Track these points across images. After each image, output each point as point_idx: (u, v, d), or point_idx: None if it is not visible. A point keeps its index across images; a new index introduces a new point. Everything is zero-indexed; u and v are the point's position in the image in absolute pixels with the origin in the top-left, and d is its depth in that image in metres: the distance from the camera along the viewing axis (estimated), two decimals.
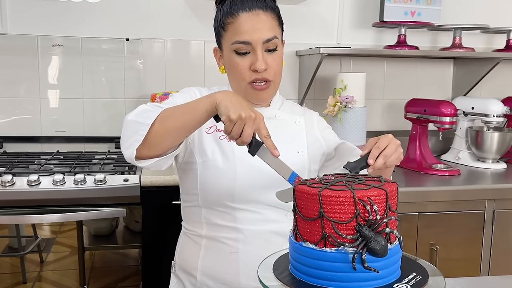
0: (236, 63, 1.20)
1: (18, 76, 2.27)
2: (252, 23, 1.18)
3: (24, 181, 1.72)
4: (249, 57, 1.19)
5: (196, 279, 1.25)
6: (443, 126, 2.25)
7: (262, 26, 1.18)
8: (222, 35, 1.22)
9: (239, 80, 1.22)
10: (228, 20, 1.19)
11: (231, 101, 0.99)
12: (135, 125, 1.05)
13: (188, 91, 1.28)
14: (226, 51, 1.22)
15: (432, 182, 2.11)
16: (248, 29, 1.17)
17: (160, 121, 1.04)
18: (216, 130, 1.23)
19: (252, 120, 0.98)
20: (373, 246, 0.77)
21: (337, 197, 0.79)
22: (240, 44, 1.18)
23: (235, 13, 1.19)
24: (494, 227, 2.05)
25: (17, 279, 1.87)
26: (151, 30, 2.36)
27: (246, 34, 1.17)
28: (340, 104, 2.25)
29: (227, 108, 0.98)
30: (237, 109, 0.97)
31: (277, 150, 1.00)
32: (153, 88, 2.35)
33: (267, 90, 1.23)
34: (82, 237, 1.87)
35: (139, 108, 1.11)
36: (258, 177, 1.19)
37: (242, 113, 0.97)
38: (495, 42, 2.74)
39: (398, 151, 1.06)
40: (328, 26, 2.55)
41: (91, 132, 2.34)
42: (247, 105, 1.00)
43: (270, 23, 1.20)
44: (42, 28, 2.25)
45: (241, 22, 1.18)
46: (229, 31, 1.20)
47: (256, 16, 1.19)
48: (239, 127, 0.98)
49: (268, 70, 1.20)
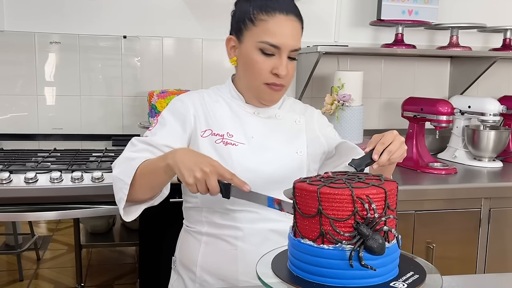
0: (258, 61, 1.19)
1: (15, 73, 2.27)
2: (286, 28, 1.18)
3: (21, 179, 1.72)
4: (273, 60, 1.18)
5: (196, 275, 1.25)
6: (439, 124, 2.26)
7: (293, 34, 1.19)
8: (249, 28, 1.19)
9: (256, 78, 1.21)
10: (262, 17, 1.17)
11: (183, 163, 1.01)
12: (119, 182, 1.14)
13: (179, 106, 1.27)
14: (249, 46, 1.20)
15: (428, 180, 2.12)
16: (281, 33, 1.17)
17: (138, 178, 1.12)
18: (211, 134, 1.23)
19: (209, 175, 0.99)
20: (371, 244, 0.77)
21: (336, 195, 0.79)
22: (269, 46, 1.17)
23: (271, 11, 1.17)
24: (490, 225, 2.06)
25: (13, 277, 1.86)
26: (148, 27, 2.35)
27: (278, 37, 1.17)
28: (338, 102, 2.26)
29: (181, 173, 1.01)
30: (191, 172, 0.99)
31: (246, 185, 1.02)
32: (150, 85, 2.35)
33: (281, 93, 1.25)
34: (79, 234, 1.87)
35: (124, 154, 1.19)
36: (256, 179, 1.18)
37: (196, 174, 0.99)
38: (492, 41, 2.74)
39: (402, 148, 1.07)
40: (326, 25, 2.55)
41: (88, 129, 2.33)
42: (198, 161, 1.01)
43: (299, 32, 1.22)
44: (39, 25, 2.25)
45: (276, 24, 1.17)
46: (260, 27, 1.18)
47: (290, 22, 1.19)
48: (201, 186, 1.00)
49: (286, 76, 1.20)
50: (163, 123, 1.25)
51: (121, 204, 1.14)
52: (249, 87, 1.25)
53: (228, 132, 1.23)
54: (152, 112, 2.16)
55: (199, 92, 1.31)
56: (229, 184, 1.02)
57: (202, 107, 1.27)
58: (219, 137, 1.22)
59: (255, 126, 1.26)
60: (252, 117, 1.27)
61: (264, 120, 1.28)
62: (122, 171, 1.14)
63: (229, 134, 1.23)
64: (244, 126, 1.25)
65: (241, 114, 1.27)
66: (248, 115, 1.27)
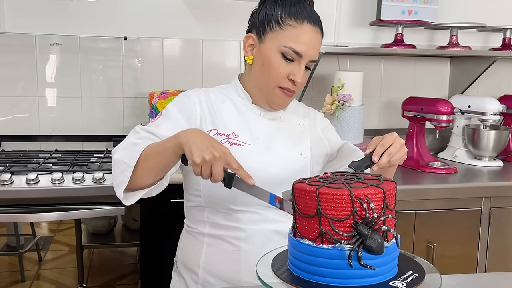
0: (278, 64, 1.20)
1: (16, 75, 2.27)
2: (312, 39, 1.20)
3: (22, 180, 1.72)
4: (291, 66, 1.19)
5: (198, 276, 1.25)
6: (440, 124, 2.26)
7: (316, 45, 1.21)
8: (275, 30, 1.20)
9: (271, 81, 1.21)
10: (291, 22, 1.19)
11: (195, 143, 1.00)
12: (121, 165, 1.11)
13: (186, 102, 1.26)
14: (270, 47, 1.20)
15: (429, 180, 2.12)
16: (307, 42, 1.19)
17: (142, 161, 1.09)
18: (217, 133, 1.23)
19: (217, 160, 0.99)
20: (369, 243, 0.78)
21: (334, 195, 0.79)
22: (293, 52, 1.18)
23: (300, 19, 1.19)
24: (490, 224, 2.06)
25: (15, 278, 1.87)
26: (149, 28, 2.36)
27: (304, 46, 1.18)
28: (338, 102, 2.26)
29: (190, 152, 1.00)
30: (201, 152, 0.98)
31: (251, 179, 1.02)
32: (151, 86, 2.35)
33: (290, 99, 1.27)
34: (80, 235, 1.87)
35: (126, 140, 1.17)
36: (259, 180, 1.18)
37: (205, 155, 0.98)
38: (492, 40, 2.75)
39: (403, 150, 1.07)
40: (326, 25, 2.49)
41: (89, 130, 2.34)
42: (211, 144, 1.00)
43: (319, 44, 1.24)
44: (40, 27, 2.25)
45: (304, 32, 1.18)
46: (287, 31, 1.19)
47: (315, 33, 1.21)
48: (206, 169, 0.99)
49: (299, 84, 1.22)
50: (168, 116, 1.23)
51: (121, 188, 1.12)
52: (261, 88, 1.25)
53: (234, 132, 1.23)
54: (153, 113, 2.17)
55: (205, 90, 1.30)
56: (233, 174, 1.02)
57: (208, 105, 1.26)
58: (225, 137, 1.22)
59: (261, 127, 1.26)
60: (258, 118, 1.27)
61: (270, 122, 1.28)
62: (126, 154, 1.12)
63: (234, 134, 1.23)
64: (250, 126, 1.25)
65: (247, 115, 1.27)
66: (254, 115, 1.27)
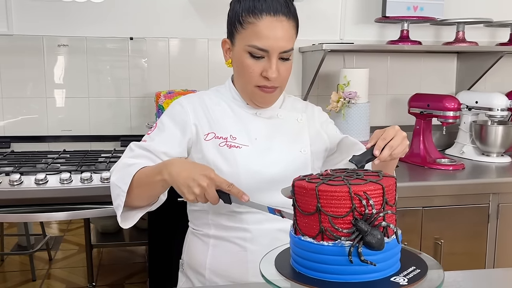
0: (248, 65, 1.17)
1: (24, 77, 2.30)
2: (274, 30, 1.13)
3: (31, 180, 1.74)
4: (262, 63, 1.16)
5: (205, 277, 1.25)
6: (446, 120, 2.25)
7: (283, 36, 1.14)
8: (239, 31, 1.17)
9: (247, 81, 1.20)
10: (250, 19, 1.14)
11: (179, 179, 1.02)
12: (116, 189, 1.14)
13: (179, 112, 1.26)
14: (239, 49, 1.19)
15: (436, 176, 2.12)
16: (269, 36, 1.13)
17: (134, 188, 1.12)
18: (215, 137, 1.23)
19: (207, 188, 1.00)
20: (369, 239, 0.78)
21: (334, 192, 0.80)
22: (257, 49, 1.15)
23: (258, 13, 1.14)
24: (498, 221, 2.05)
25: (26, 277, 1.89)
26: (155, 29, 2.37)
27: (266, 41, 1.13)
28: (343, 100, 2.26)
29: (180, 191, 1.03)
30: (189, 189, 1.01)
31: (245, 195, 1.02)
32: (157, 86, 2.37)
33: (274, 94, 1.22)
34: (89, 234, 1.89)
35: (122, 159, 1.20)
36: (261, 181, 1.19)
37: (195, 190, 1.00)
38: (499, 35, 2.73)
39: (404, 143, 1.06)
40: (331, 22, 2.56)
41: (97, 130, 2.36)
42: (196, 174, 1.01)
43: (290, 32, 1.17)
44: (47, 29, 2.27)
45: (263, 26, 1.13)
46: (248, 30, 1.15)
47: (279, 23, 1.14)
48: (201, 199, 1.02)
49: (277, 78, 1.18)
50: (162, 129, 1.24)
51: (119, 211, 1.14)
52: (243, 90, 1.25)
53: (231, 134, 1.23)
54: (159, 112, 2.18)
55: (199, 96, 1.30)
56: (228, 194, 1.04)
57: (204, 110, 1.26)
58: (223, 140, 1.22)
59: (257, 127, 1.25)
60: (254, 118, 1.27)
61: (266, 121, 1.27)
62: (120, 178, 1.14)
63: (232, 137, 1.22)
64: (247, 128, 1.25)
65: (243, 116, 1.26)
66: (250, 116, 1.27)
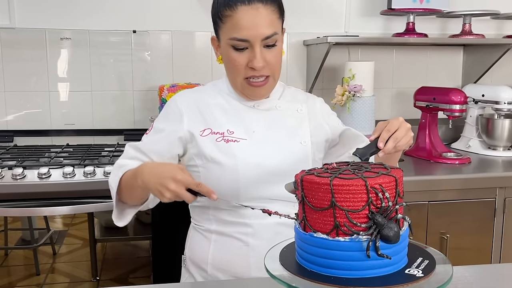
0: (233, 58, 1.16)
1: (28, 70, 2.28)
2: (251, 18, 1.12)
3: (34, 174, 1.74)
4: (247, 53, 1.15)
5: (207, 273, 1.25)
6: (453, 114, 2.23)
7: (261, 22, 1.12)
8: (220, 27, 1.18)
9: (235, 76, 1.19)
10: (226, 13, 1.14)
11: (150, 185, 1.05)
12: (111, 189, 1.19)
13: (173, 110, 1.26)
14: (223, 44, 1.18)
15: (442, 170, 2.10)
16: (246, 25, 1.12)
17: (122, 189, 1.16)
18: (211, 132, 1.21)
19: (177, 190, 1.01)
20: (386, 232, 0.77)
21: (349, 186, 0.78)
22: (238, 41, 1.14)
23: (233, 5, 1.13)
24: (505, 215, 2.04)
25: (30, 271, 1.89)
26: (158, 22, 2.35)
27: (244, 31, 1.12)
28: (349, 93, 2.24)
29: (155, 195, 1.06)
30: (161, 194, 1.03)
31: (213, 194, 1.03)
32: (160, 79, 2.35)
33: (265, 86, 1.20)
34: (93, 229, 1.89)
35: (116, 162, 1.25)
36: (260, 174, 1.18)
37: (166, 194, 1.02)
38: (506, 28, 2.70)
39: (409, 135, 1.04)
40: (336, 15, 2.53)
41: (100, 124, 2.35)
42: (164, 178, 1.02)
43: (269, 18, 1.14)
44: (50, 22, 2.26)
45: (239, 17, 1.12)
46: (227, 24, 1.15)
47: (255, 11, 1.12)
48: (177, 199, 1.03)
49: (266, 67, 1.16)
50: (157, 129, 1.26)
51: (114, 210, 1.18)
52: (233, 84, 1.24)
53: (228, 129, 1.21)
54: (162, 106, 2.17)
55: (194, 91, 1.30)
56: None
57: (199, 106, 1.25)
58: (220, 135, 1.21)
59: (255, 120, 1.24)
60: (252, 110, 1.25)
61: (264, 113, 1.25)
62: (112, 179, 1.18)
63: (229, 131, 1.21)
64: (244, 121, 1.23)
65: (240, 109, 1.25)
66: (247, 109, 1.25)
